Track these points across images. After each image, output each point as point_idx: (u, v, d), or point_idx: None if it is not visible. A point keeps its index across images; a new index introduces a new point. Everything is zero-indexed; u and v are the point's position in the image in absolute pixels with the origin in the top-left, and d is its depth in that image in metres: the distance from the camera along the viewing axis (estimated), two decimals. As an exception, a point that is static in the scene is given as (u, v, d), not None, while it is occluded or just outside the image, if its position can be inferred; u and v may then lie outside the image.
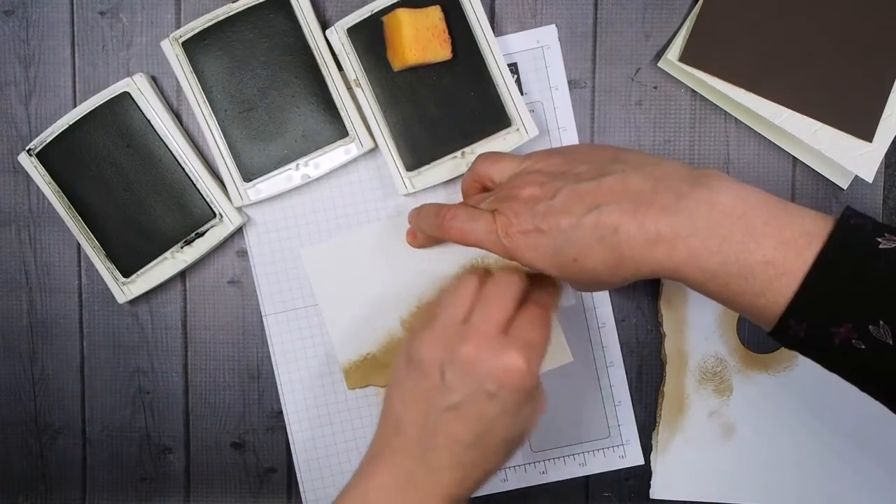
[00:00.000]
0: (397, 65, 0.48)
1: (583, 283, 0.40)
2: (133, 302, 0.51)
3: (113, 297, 0.51)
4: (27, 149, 0.50)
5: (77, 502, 0.54)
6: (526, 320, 0.40)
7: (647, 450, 0.52)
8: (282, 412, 0.52)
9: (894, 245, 0.34)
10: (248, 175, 0.49)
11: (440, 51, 0.47)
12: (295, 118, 0.49)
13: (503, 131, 0.49)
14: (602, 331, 0.52)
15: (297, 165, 0.49)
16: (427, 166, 0.49)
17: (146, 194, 0.50)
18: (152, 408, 0.53)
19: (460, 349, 0.38)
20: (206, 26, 0.49)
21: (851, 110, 0.49)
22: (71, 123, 0.49)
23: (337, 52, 0.49)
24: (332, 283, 0.51)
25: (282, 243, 0.51)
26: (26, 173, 0.50)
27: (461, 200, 0.46)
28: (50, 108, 0.52)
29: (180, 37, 0.49)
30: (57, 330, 0.53)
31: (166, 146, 0.50)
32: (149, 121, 0.49)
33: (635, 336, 0.52)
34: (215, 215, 0.50)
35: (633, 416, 0.52)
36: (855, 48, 0.49)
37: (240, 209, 0.50)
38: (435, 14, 0.47)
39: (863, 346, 0.33)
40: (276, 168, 0.49)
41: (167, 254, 0.50)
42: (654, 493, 0.52)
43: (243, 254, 0.52)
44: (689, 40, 0.49)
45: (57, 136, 0.49)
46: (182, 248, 0.50)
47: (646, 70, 0.51)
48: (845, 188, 0.51)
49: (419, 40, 0.47)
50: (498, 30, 0.51)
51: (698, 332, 0.52)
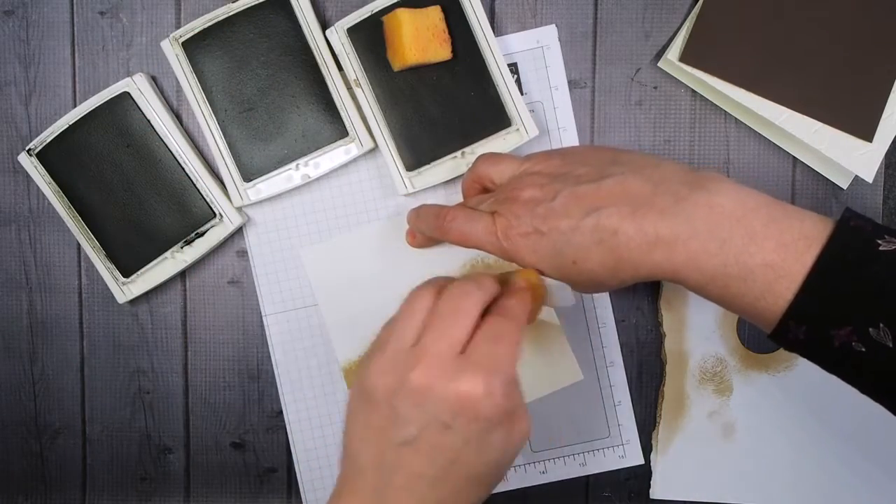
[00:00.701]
0: (397, 65, 0.48)
1: (582, 285, 0.39)
2: (133, 302, 0.51)
3: (113, 297, 0.51)
4: (27, 149, 0.50)
5: (77, 502, 0.54)
6: (489, 336, 0.36)
7: (647, 450, 0.52)
8: (282, 412, 0.52)
9: (894, 247, 0.34)
10: (248, 175, 0.49)
11: (440, 51, 0.47)
12: (295, 118, 0.49)
13: (503, 131, 0.49)
14: (602, 331, 0.52)
15: (297, 165, 0.49)
16: (427, 166, 0.49)
17: (146, 194, 0.50)
18: (152, 408, 0.53)
19: (410, 376, 0.35)
20: (206, 26, 0.49)
21: (851, 110, 0.49)
22: (71, 123, 0.49)
23: (337, 52, 0.49)
24: (331, 283, 0.51)
25: (282, 243, 0.51)
26: (26, 173, 0.50)
27: (461, 201, 0.46)
28: (50, 108, 0.52)
29: (180, 37, 0.49)
30: (57, 330, 0.53)
31: (166, 146, 0.50)
32: (149, 121, 0.49)
33: (635, 336, 0.52)
34: (215, 215, 0.50)
35: (633, 416, 0.52)
36: (855, 48, 0.49)
37: (240, 209, 0.50)
38: (435, 14, 0.47)
39: (863, 349, 0.33)
40: (276, 168, 0.49)
41: (167, 254, 0.50)
42: (654, 493, 0.52)
43: (243, 254, 0.52)
44: (689, 40, 0.49)
45: (57, 136, 0.49)
46: (182, 248, 0.50)
47: (646, 70, 0.51)
48: (845, 188, 0.51)
49: (419, 40, 0.47)
50: (498, 30, 0.51)
51: (698, 332, 0.52)
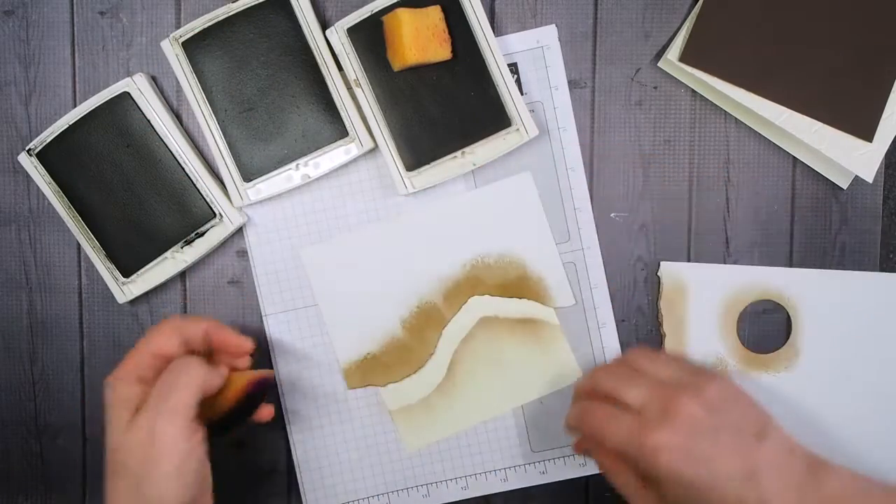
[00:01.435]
0: (397, 65, 0.48)
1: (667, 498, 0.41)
2: (133, 302, 0.51)
3: (113, 297, 0.51)
4: (27, 149, 0.50)
5: (77, 502, 0.54)
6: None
7: (647, 450, 0.52)
8: (282, 412, 0.52)
9: None
10: (248, 175, 0.49)
11: (440, 51, 0.47)
12: (295, 118, 0.49)
13: (503, 131, 0.49)
14: (602, 331, 0.52)
15: (297, 165, 0.49)
16: (427, 166, 0.49)
17: (146, 194, 0.50)
18: (152, 408, 0.53)
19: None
20: (206, 26, 0.49)
21: (851, 110, 0.49)
22: (71, 123, 0.49)
23: (337, 52, 0.49)
24: (332, 283, 0.51)
25: (282, 243, 0.51)
26: (26, 173, 0.50)
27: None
28: (50, 108, 0.52)
29: (180, 37, 0.49)
30: (57, 330, 0.53)
31: (166, 146, 0.50)
32: (149, 121, 0.49)
33: (635, 336, 0.52)
34: (215, 215, 0.50)
35: (633, 416, 0.52)
36: (855, 48, 0.49)
37: (240, 209, 0.50)
38: (435, 14, 0.47)
39: None
40: (276, 168, 0.49)
41: (167, 254, 0.50)
42: (654, 493, 0.52)
43: (243, 254, 0.52)
44: (689, 40, 0.49)
45: (57, 136, 0.49)
46: (182, 248, 0.50)
47: (646, 70, 0.51)
48: (845, 188, 0.51)
49: (419, 40, 0.47)
50: (498, 30, 0.51)
51: (698, 332, 0.52)
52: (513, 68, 0.51)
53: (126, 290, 0.50)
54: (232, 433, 0.45)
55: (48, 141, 0.50)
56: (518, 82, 0.51)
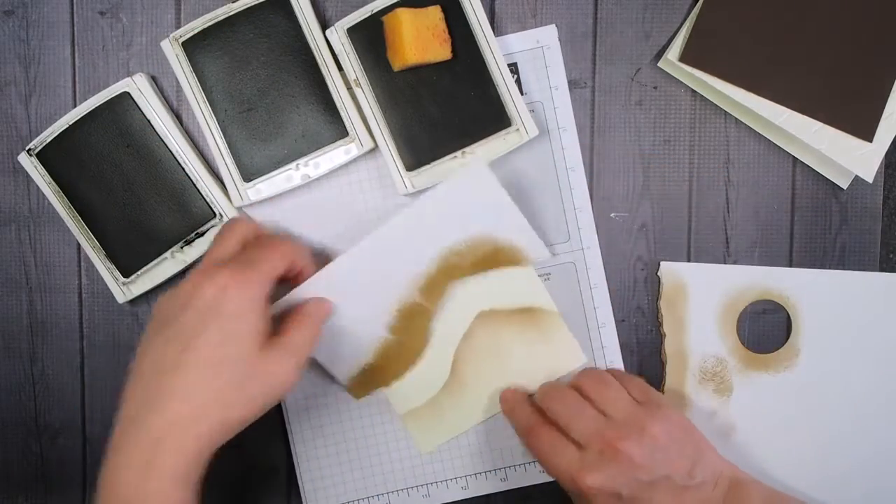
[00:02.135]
0: (397, 65, 0.48)
1: None
2: (133, 302, 0.51)
3: (113, 297, 0.51)
4: (27, 149, 0.50)
5: (77, 502, 0.54)
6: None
7: (647, 450, 0.52)
8: (282, 412, 0.52)
9: None
10: (248, 175, 0.49)
11: (440, 51, 0.47)
12: (295, 118, 0.49)
13: (503, 131, 0.49)
14: (602, 331, 0.52)
15: (297, 165, 0.49)
16: (427, 166, 0.49)
17: (146, 194, 0.50)
18: (152, 408, 0.53)
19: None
20: (206, 26, 0.49)
21: (851, 110, 0.49)
22: (71, 123, 0.49)
23: (337, 52, 0.49)
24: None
25: (282, 243, 0.51)
26: (26, 173, 0.50)
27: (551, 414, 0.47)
28: (50, 108, 0.52)
29: (180, 37, 0.49)
30: (57, 330, 0.53)
31: (166, 146, 0.50)
32: (149, 121, 0.49)
33: (635, 336, 0.52)
34: (215, 215, 0.50)
35: (633, 416, 0.52)
36: (855, 48, 0.49)
37: (240, 209, 0.50)
38: (435, 14, 0.47)
39: None
40: (276, 168, 0.49)
41: (167, 254, 0.50)
42: (654, 493, 0.52)
43: (243, 254, 0.52)
44: (689, 40, 0.49)
45: (57, 136, 0.49)
46: (182, 248, 0.50)
47: (646, 70, 0.51)
48: (845, 188, 0.51)
49: (419, 40, 0.47)
50: (498, 30, 0.51)
51: (698, 332, 0.52)
52: (513, 68, 0.51)
53: (126, 290, 0.50)
54: None
55: (48, 141, 0.50)
56: (518, 82, 0.51)
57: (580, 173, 0.51)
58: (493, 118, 0.49)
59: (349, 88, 0.49)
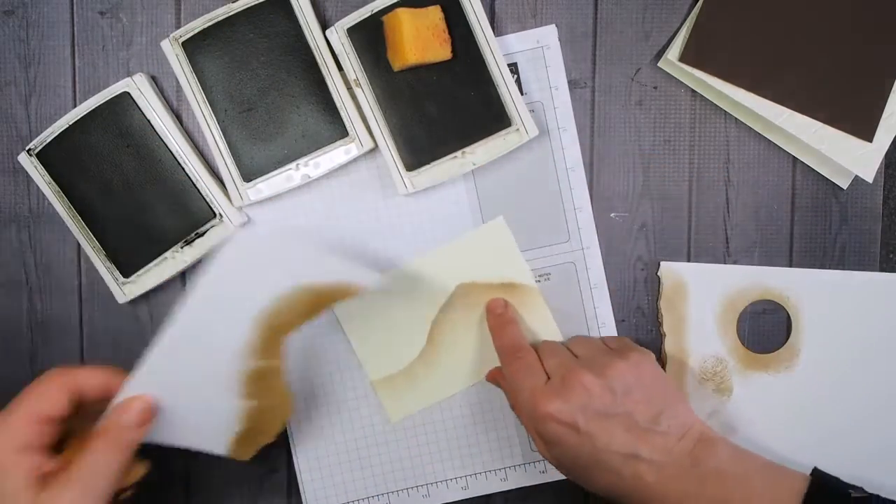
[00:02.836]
0: (397, 65, 0.48)
1: (565, 471, 0.46)
2: (133, 302, 0.51)
3: (113, 297, 0.51)
4: (27, 149, 0.50)
5: (77, 502, 0.53)
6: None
7: (647, 450, 0.52)
8: (282, 412, 0.52)
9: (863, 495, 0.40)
10: (248, 175, 0.49)
11: (440, 51, 0.47)
12: (295, 118, 0.49)
13: (503, 131, 0.49)
14: (602, 331, 0.52)
15: (297, 165, 0.49)
16: (427, 166, 0.49)
17: (146, 194, 0.50)
18: (152, 408, 0.53)
19: None
20: (206, 26, 0.49)
21: (851, 110, 0.49)
22: (71, 123, 0.49)
23: (337, 52, 0.49)
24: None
25: (282, 243, 0.51)
26: (26, 173, 0.50)
27: (545, 343, 0.49)
28: (50, 108, 0.52)
29: (180, 37, 0.49)
30: (57, 330, 0.53)
31: (166, 146, 0.50)
32: (149, 121, 0.49)
33: (635, 336, 0.52)
34: (215, 215, 0.50)
35: (633, 416, 0.52)
36: (855, 48, 0.49)
37: (240, 209, 0.50)
38: (435, 14, 0.47)
39: None
40: (276, 168, 0.49)
41: (167, 254, 0.50)
42: (654, 493, 0.52)
43: (243, 254, 0.52)
44: (689, 40, 0.49)
45: (57, 136, 0.49)
46: (182, 248, 0.50)
47: (646, 70, 0.51)
48: (845, 188, 0.51)
49: (419, 40, 0.47)
50: (498, 30, 0.51)
51: (698, 332, 0.52)
52: (513, 68, 0.51)
53: (126, 290, 0.50)
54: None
55: (48, 141, 0.50)
56: (518, 82, 0.51)
57: (580, 173, 0.51)
58: (492, 118, 0.49)
59: (349, 88, 0.49)
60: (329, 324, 0.51)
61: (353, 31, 0.48)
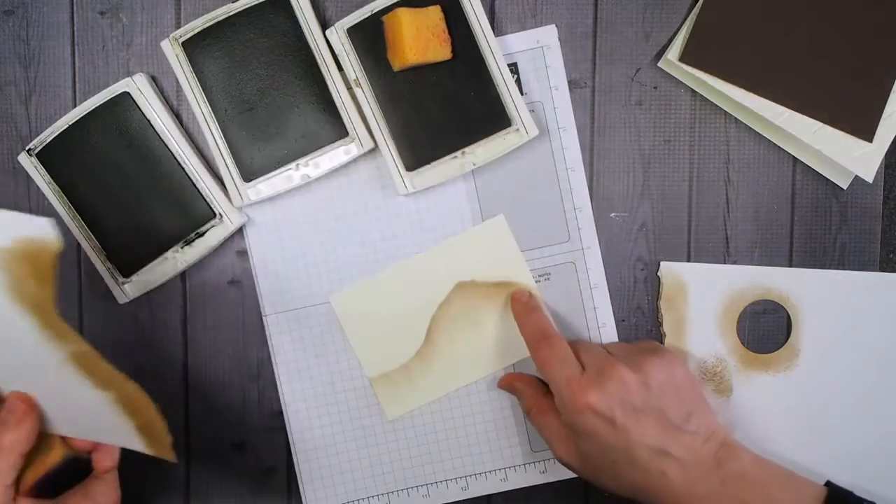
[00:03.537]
0: (397, 65, 0.48)
1: (583, 474, 0.46)
2: (133, 302, 0.51)
3: (113, 297, 0.51)
4: (27, 149, 0.50)
5: (77, 502, 0.53)
6: None
7: (647, 450, 0.52)
8: (282, 412, 0.52)
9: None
10: (248, 175, 0.49)
11: (440, 51, 0.47)
12: (295, 118, 0.49)
13: (503, 131, 0.49)
14: (602, 331, 0.52)
15: (297, 165, 0.49)
16: (427, 166, 0.49)
17: (146, 194, 0.50)
18: (152, 408, 0.53)
19: None
20: (206, 26, 0.49)
21: (851, 110, 0.49)
22: (71, 123, 0.49)
23: (337, 52, 0.49)
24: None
25: (282, 243, 0.51)
26: (26, 173, 0.50)
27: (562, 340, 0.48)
28: (50, 108, 0.52)
29: (180, 37, 0.49)
30: (57, 330, 0.53)
31: (166, 146, 0.50)
32: (149, 121, 0.49)
33: (635, 336, 0.52)
34: (215, 215, 0.50)
35: (633, 416, 0.52)
36: (855, 48, 0.49)
37: (240, 209, 0.50)
38: (435, 14, 0.47)
39: None
40: (276, 168, 0.49)
41: (167, 254, 0.50)
42: (654, 493, 0.52)
43: (243, 254, 0.52)
44: (689, 40, 0.49)
45: (57, 136, 0.49)
46: (182, 248, 0.50)
47: (646, 70, 0.51)
48: (845, 188, 0.51)
49: (419, 40, 0.47)
50: (498, 30, 0.51)
51: (698, 332, 0.52)
52: (513, 68, 0.51)
53: (126, 290, 0.50)
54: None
55: (48, 141, 0.50)
56: (518, 82, 0.51)
57: (580, 173, 0.51)
58: (493, 118, 0.49)
59: (349, 88, 0.49)
60: (328, 321, 0.51)
61: (353, 31, 0.48)
